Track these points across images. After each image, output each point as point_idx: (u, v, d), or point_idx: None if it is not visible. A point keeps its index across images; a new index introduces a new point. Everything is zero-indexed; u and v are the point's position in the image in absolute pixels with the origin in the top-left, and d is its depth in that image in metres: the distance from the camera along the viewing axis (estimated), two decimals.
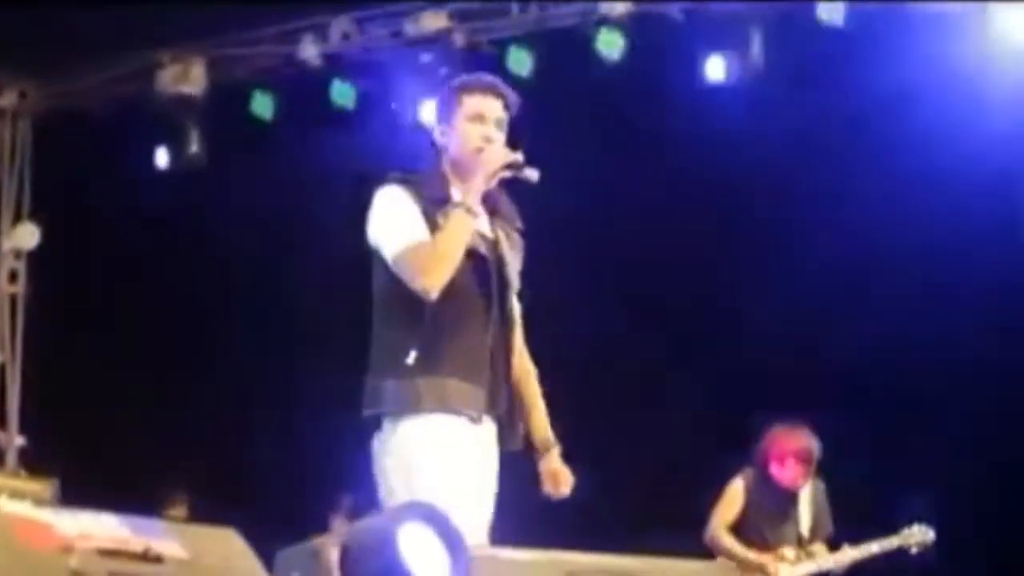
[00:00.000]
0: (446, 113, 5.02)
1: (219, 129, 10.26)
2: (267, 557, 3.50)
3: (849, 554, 8.36)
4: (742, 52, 8.90)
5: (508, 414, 4.97)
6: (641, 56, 8.95)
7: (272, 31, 9.99)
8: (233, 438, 10.35)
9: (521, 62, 9.21)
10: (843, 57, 8.77)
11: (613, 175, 9.49)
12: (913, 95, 8.59)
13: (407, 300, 4.79)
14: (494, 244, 4.98)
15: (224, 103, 10.16)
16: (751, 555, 8.35)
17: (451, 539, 3.65)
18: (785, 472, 8.30)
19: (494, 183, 4.90)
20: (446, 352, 4.80)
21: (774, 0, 8.80)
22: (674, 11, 8.90)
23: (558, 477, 5.07)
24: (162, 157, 10.53)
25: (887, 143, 8.95)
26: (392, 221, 4.87)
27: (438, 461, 4.77)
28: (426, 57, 9.58)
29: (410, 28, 9.48)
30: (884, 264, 9.33)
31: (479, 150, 4.90)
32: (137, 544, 3.16)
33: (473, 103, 4.97)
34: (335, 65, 9.81)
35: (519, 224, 5.10)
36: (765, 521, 8.40)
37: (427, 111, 8.84)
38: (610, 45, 8.87)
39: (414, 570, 3.51)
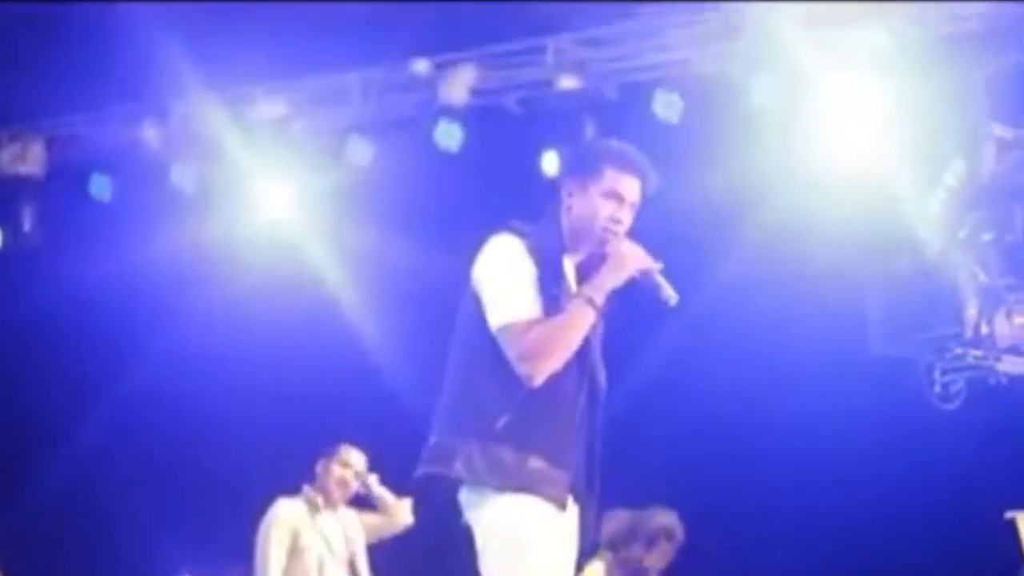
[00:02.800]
0: (581, 176, 4.65)
1: (56, 210, 10.15)
2: None
3: None
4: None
5: (599, 501, 4.66)
6: (479, 148, 9.05)
7: (113, 112, 9.94)
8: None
9: (361, 151, 9.28)
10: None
11: (452, 264, 9.49)
12: None
13: (503, 362, 4.47)
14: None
15: (62, 183, 10.07)
16: None
17: None
18: (652, 552, 8.20)
19: (621, 282, 4.59)
20: (537, 427, 4.46)
21: None
22: (511, 103, 9.02)
23: None
24: None
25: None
26: (504, 282, 4.51)
27: (525, 548, 4.42)
28: (268, 142, 9.59)
29: (249, 113, 9.47)
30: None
31: (604, 231, 4.59)
32: None
33: (614, 179, 4.61)
34: (175, 148, 9.76)
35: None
36: None
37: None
38: (449, 136, 8.97)
39: None
